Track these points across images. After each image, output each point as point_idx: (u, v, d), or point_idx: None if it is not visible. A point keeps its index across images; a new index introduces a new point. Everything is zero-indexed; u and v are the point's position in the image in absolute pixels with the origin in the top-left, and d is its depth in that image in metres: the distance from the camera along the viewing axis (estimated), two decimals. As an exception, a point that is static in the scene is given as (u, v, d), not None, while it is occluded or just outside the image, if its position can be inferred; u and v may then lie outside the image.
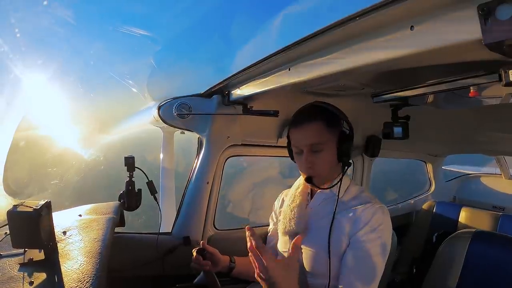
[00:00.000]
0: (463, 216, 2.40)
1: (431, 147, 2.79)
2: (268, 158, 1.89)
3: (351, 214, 1.08)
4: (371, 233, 1.03)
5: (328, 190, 1.17)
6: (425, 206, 2.66)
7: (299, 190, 1.25)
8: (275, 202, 1.41)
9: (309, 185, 1.21)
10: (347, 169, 1.16)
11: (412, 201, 3.00)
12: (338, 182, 1.14)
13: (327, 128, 1.11)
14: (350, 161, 1.19)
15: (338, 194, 1.12)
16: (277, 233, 1.28)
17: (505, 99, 1.07)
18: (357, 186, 1.21)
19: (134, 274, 1.43)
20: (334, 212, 1.10)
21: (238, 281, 1.37)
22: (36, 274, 0.81)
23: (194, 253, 1.21)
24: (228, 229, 1.77)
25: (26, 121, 1.57)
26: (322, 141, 1.10)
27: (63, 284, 0.76)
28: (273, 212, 1.41)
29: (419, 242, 2.49)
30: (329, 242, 1.07)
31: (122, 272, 1.38)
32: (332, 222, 1.09)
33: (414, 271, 2.17)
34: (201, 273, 1.26)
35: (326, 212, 1.14)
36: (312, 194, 1.23)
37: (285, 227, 1.21)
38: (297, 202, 1.22)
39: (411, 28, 0.57)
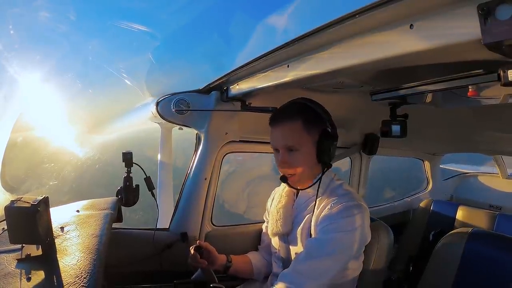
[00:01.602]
0: (460, 214, 2.41)
1: (429, 146, 2.78)
2: (264, 154, 1.88)
3: (324, 210, 1.07)
4: (326, 230, 1.02)
5: (309, 189, 1.15)
6: (422, 204, 2.66)
7: (285, 190, 1.25)
8: (268, 200, 1.41)
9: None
10: (326, 169, 1.13)
11: (409, 199, 3.00)
12: (316, 181, 1.11)
13: (306, 127, 1.08)
14: (334, 161, 1.16)
15: (317, 194, 1.10)
16: None
17: (503, 100, 1.07)
18: (338, 180, 1.18)
19: (131, 270, 1.44)
20: (313, 212, 1.10)
21: (235, 278, 1.38)
22: (33, 270, 0.81)
23: (192, 251, 1.21)
24: (226, 225, 1.78)
25: (24, 120, 1.56)
26: (299, 142, 1.08)
27: (61, 280, 0.76)
28: (266, 211, 1.41)
29: (416, 240, 2.50)
30: None
31: (119, 268, 1.38)
32: (310, 221, 1.10)
33: (411, 269, 2.18)
34: (199, 269, 1.26)
35: (308, 211, 1.14)
36: (298, 193, 1.22)
37: (273, 228, 1.21)
38: (283, 202, 1.22)
39: (410, 27, 0.56)
